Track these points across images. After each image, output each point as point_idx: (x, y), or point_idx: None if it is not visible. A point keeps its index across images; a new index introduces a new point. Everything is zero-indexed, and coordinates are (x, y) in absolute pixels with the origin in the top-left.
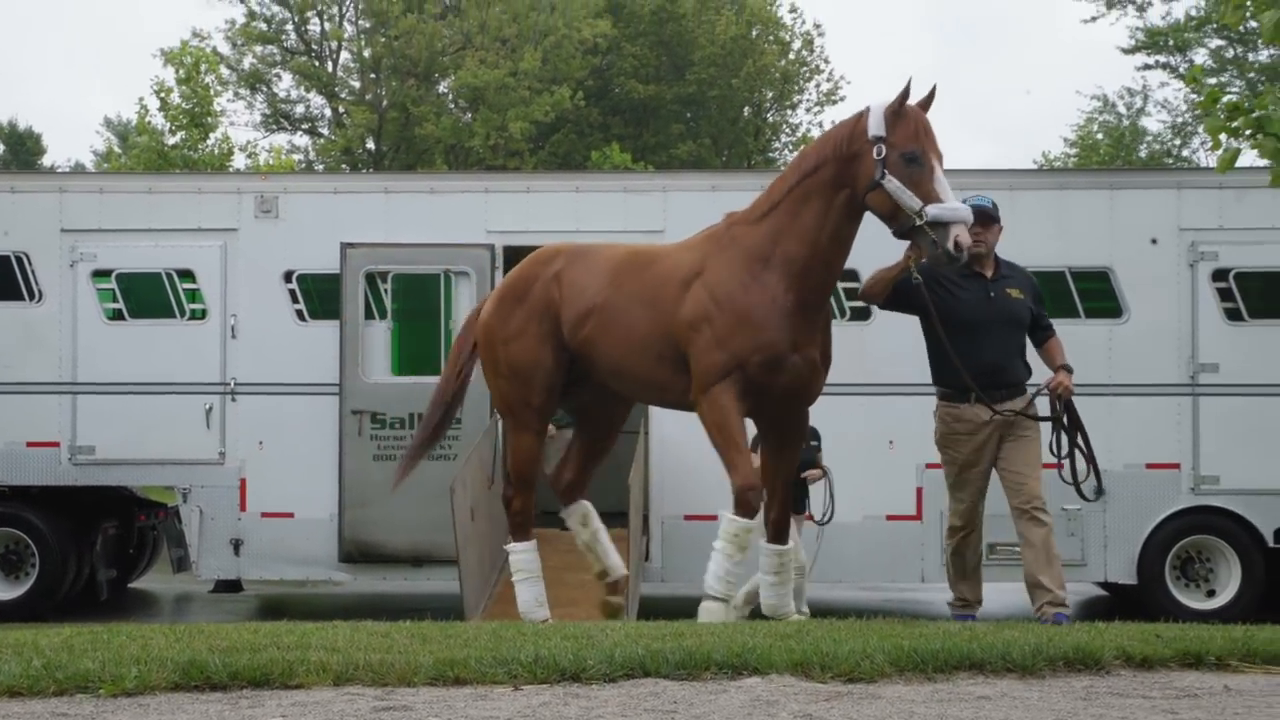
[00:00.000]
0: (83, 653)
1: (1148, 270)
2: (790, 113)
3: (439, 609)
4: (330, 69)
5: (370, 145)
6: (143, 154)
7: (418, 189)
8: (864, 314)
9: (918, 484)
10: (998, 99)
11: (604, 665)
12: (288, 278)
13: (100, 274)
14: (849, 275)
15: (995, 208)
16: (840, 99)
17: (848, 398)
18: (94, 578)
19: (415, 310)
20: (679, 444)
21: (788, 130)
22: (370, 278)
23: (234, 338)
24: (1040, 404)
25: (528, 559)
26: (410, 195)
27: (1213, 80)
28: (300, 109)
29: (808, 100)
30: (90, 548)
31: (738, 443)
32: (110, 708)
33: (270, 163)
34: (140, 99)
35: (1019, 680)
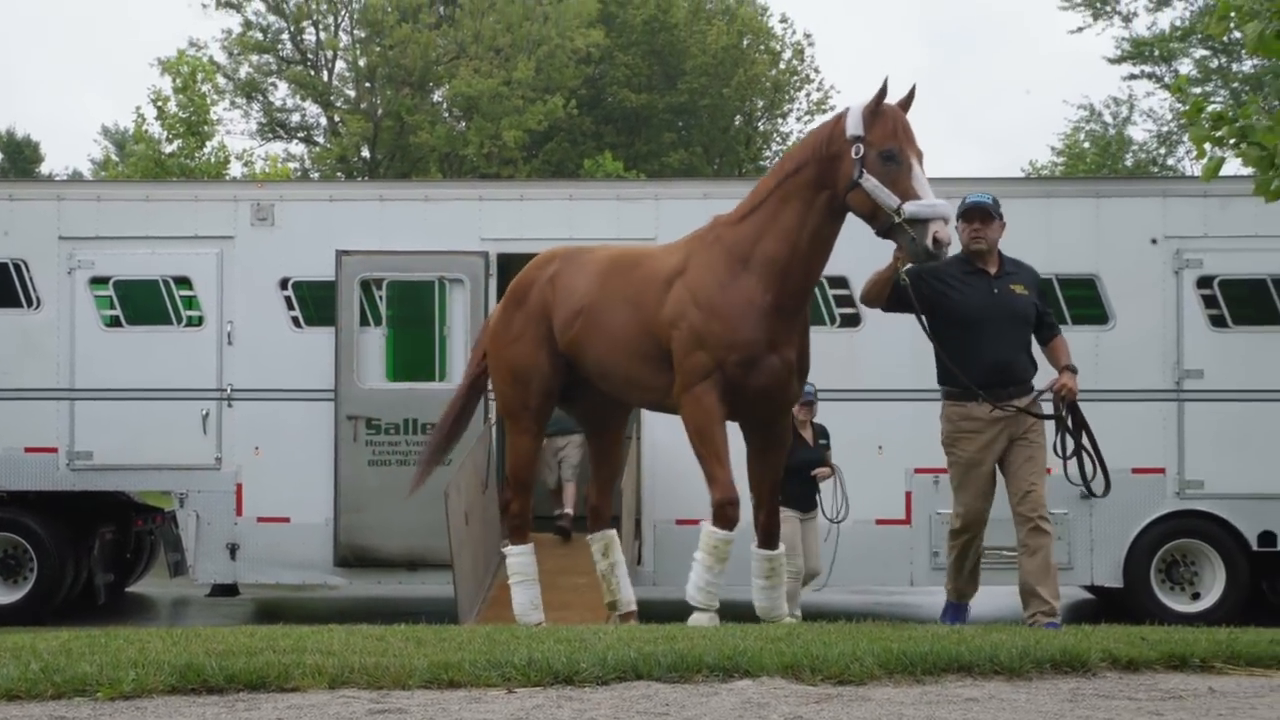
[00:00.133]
0: (80, 656)
1: (1134, 277)
2: (781, 121)
3: (433, 613)
4: (326, 78)
5: (365, 153)
6: (140, 162)
7: (412, 197)
8: (853, 321)
9: (907, 488)
10: (985, 108)
11: (597, 668)
12: (284, 285)
13: (98, 281)
14: (839, 283)
15: (996, 204)
16: (830, 108)
17: (837, 403)
18: (91, 582)
19: (410, 317)
20: (670, 449)
21: (778, 139)
22: (365, 285)
23: (230, 344)
24: (1045, 406)
25: (524, 562)
26: (405, 203)
27: (1197, 90)
28: (296, 118)
29: (798, 109)
30: (88, 552)
31: (719, 453)
32: (108, 711)
33: (266, 171)
34: (137, 108)
35: (1006, 682)
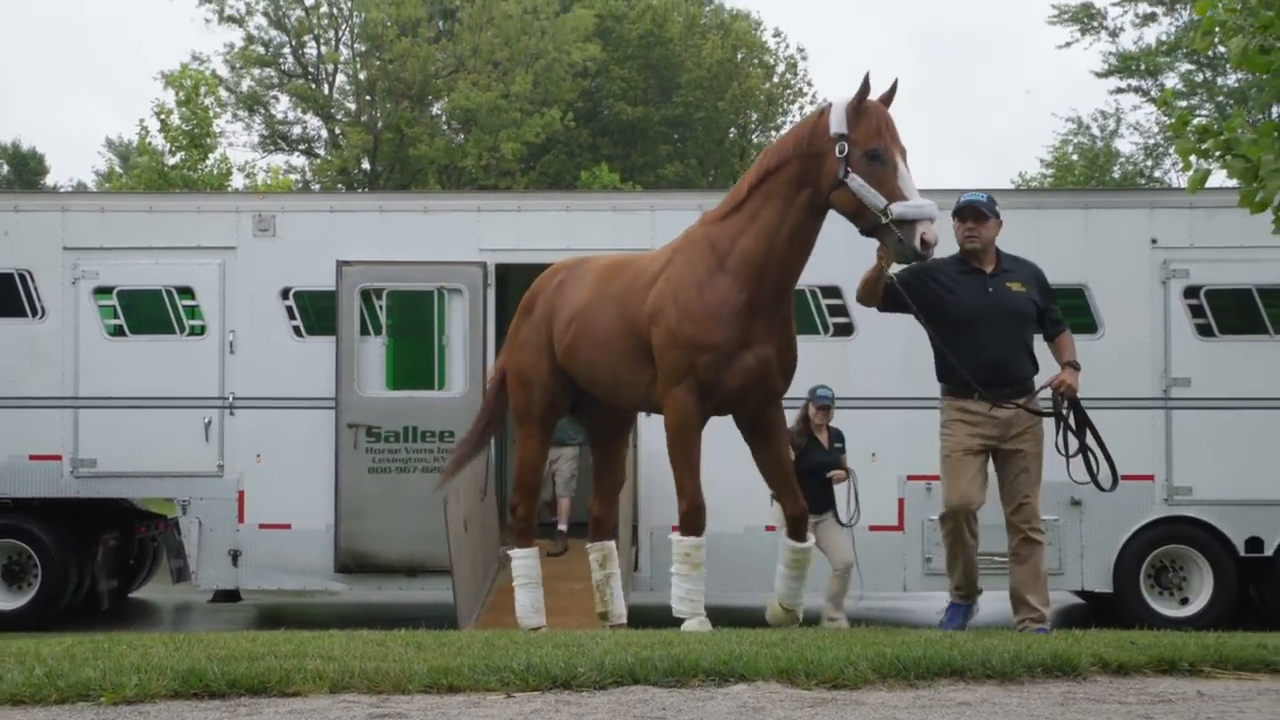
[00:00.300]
0: (84, 661)
1: (1122, 287)
2: (774, 134)
3: (433, 618)
4: (326, 91)
5: (365, 165)
6: (143, 174)
7: (412, 208)
8: (847, 330)
9: (899, 495)
10: (976, 120)
11: (594, 673)
12: (285, 294)
13: (102, 291)
14: (832, 292)
15: (991, 202)
16: None
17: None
18: (95, 588)
19: (409, 326)
20: (667, 457)
21: None
22: (365, 294)
23: (232, 353)
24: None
25: (529, 564)
26: (404, 214)
27: (1183, 103)
28: (297, 130)
29: (791, 122)
30: (91, 558)
31: (690, 462)
32: (111, 715)
33: (268, 183)
34: (141, 120)
35: (998, 686)
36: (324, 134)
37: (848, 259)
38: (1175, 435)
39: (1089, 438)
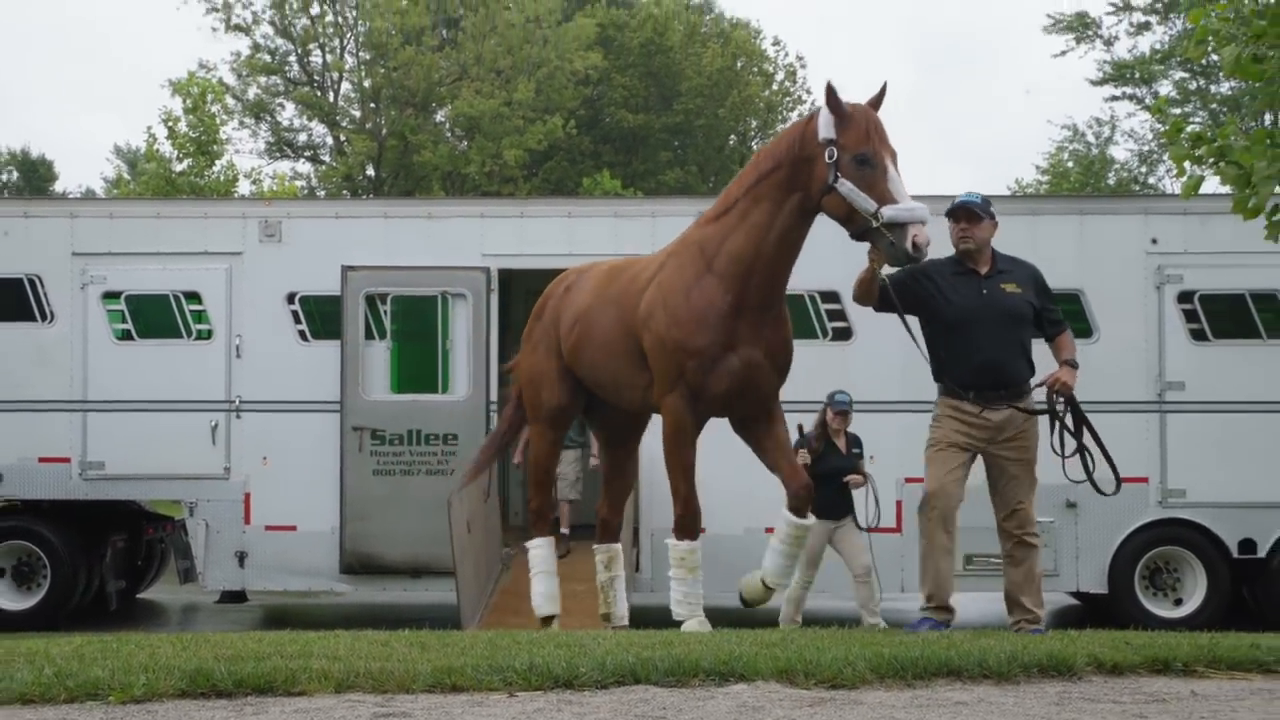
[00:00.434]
0: (93, 661)
1: (1116, 292)
2: None
3: (437, 619)
4: (332, 99)
5: (370, 172)
6: (151, 180)
7: (416, 214)
8: (845, 335)
9: (897, 497)
10: (972, 127)
11: (596, 672)
12: (291, 299)
13: (110, 296)
14: (831, 297)
15: (986, 203)
16: None
17: None
18: (103, 589)
19: (413, 331)
20: None
21: None
22: (370, 299)
23: (239, 357)
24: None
25: (543, 555)
26: (408, 220)
27: (1177, 111)
28: (303, 137)
29: None
30: (100, 560)
31: (684, 465)
32: (119, 714)
33: (274, 189)
34: (149, 128)
35: (995, 686)
36: (329, 141)
37: (846, 263)
38: (1169, 438)
39: (1087, 437)
